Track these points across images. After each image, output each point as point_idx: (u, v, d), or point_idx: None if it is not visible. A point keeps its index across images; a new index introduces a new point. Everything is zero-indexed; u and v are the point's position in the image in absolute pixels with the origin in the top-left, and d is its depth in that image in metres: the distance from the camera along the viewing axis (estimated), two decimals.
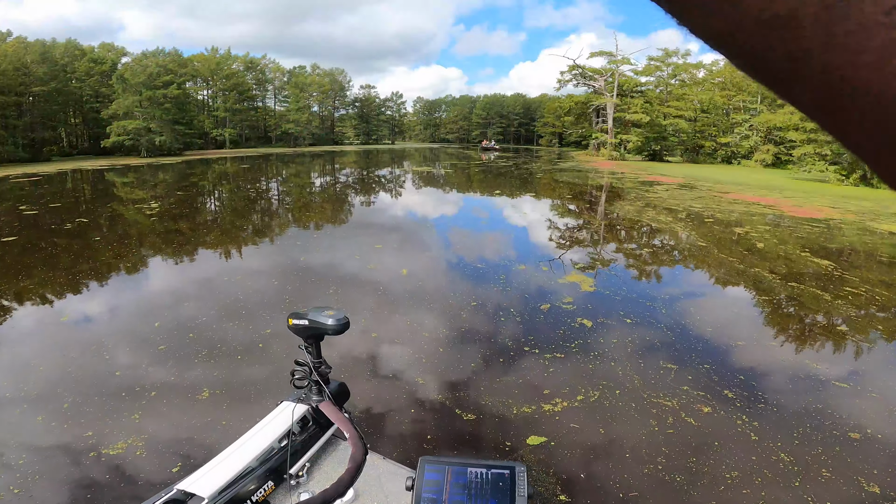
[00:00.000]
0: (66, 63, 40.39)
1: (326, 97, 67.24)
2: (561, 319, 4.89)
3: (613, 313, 5.13)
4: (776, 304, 5.81)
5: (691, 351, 4.36)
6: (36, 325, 4.82)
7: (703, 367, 4.06)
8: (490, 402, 3.43)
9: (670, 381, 3.81)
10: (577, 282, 6.18)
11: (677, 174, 28.81)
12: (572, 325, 4.76)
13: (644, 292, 5.99)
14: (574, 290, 5.84)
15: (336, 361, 3.49)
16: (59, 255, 7.63)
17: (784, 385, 3.88)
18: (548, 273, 6.57)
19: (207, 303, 5.35)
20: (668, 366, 4.05)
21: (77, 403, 3.36)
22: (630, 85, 48.82)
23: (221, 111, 52.92)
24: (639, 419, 3.33)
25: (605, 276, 6.57)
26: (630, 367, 3.99)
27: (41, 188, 18.22)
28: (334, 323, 1.66)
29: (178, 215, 12.06)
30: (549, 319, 4.90)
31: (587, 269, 6.83)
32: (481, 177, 25.55)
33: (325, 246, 8.27)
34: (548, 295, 5.64)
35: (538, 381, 3.73)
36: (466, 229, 10.64)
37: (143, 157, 37.78)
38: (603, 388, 3.65)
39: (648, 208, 13.61)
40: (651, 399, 3.56)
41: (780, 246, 9.28)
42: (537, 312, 5.03)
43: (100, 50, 44.86)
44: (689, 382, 3.82)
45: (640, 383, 3.76)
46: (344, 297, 5.48)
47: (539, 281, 6.22)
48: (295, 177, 26.13)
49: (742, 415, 3.45)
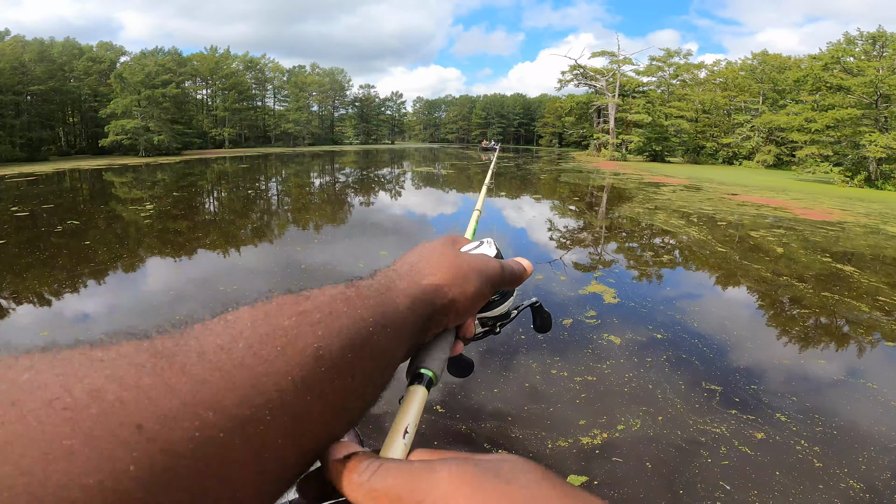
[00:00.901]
0: (64, 62, 40.00)
1: (326, 97, 66.92)
2: (587, 336, 4.54)
3: (642, 328, 4.80)
4: (815, 317, 5.49)
5: (734, 370, 4.04)
6: (10, 341, 4.49)
7: (750, 388, 3.74)
8: (520, 435, 3.11)
9: (716, 405, 3.50)
10: (598, 293, 5.83)
11: (681, 175, 28.52)
12: (600, 342, 4.42)
13: (671, 304, 5.66)
14: (596, 303, 5.49)
15: None
16: (45, 260, 7.28)
17: (839, 405, 3.57)
18: (566, 283, 6.20)
19: (200, 313, 5.02)
20: (710, 387, 3.73)
21: None
22: (632, 85, 48.57)
23: (220, 111, 52.56)
24: (688, 450, 3.01)
25: (628, 286, 6.21)
26: (669, 389, 3.67)
27: (36, 188, 17.85)
28: None
29: (175, 217, 11.71)
30: (574, 337, 4.55)
31: (607, 279, 6.47)
32: (483, 178, 25.25)
33: (328, 250, 7.90)
34: (569, 308, 5.29)
35: (571, 409, 3.40)
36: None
37: (141, 156, 37.39)
38: (644, 415, 3.33)
39: (659, 211, 13.30)
40: (698, 426, 3.25)
41: (799, 251, 8.98)
42: (560, 329, 4.68)
43: (98, 49, 44.49)
44: (737, 406, 3.50)
45: (683, 408, 3.45)
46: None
47: (557, 292, 5.85)
48: (294, 177, 25.78)
49: (800, 439, 3.15)
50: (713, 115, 47.72)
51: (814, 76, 29.37)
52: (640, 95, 48.25)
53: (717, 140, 46.92)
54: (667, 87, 49.67)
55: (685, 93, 47.77)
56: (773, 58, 45.38)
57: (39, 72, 36.60)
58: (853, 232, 11.41)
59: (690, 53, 56.55)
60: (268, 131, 61.20)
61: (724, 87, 47.46)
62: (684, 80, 49.98)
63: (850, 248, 9.49)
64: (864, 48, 28.46)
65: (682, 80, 49.97)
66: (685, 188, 20.51)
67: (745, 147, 44.93)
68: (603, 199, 17.03)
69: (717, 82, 48.30)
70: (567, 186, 21.66)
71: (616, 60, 48.99)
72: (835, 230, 11.50)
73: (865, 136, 25.48)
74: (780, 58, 45.13)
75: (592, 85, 50.95)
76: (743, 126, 45.00)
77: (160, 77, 39.62)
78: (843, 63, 28.24)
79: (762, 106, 44.57)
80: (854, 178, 26.45)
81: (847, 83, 26.99)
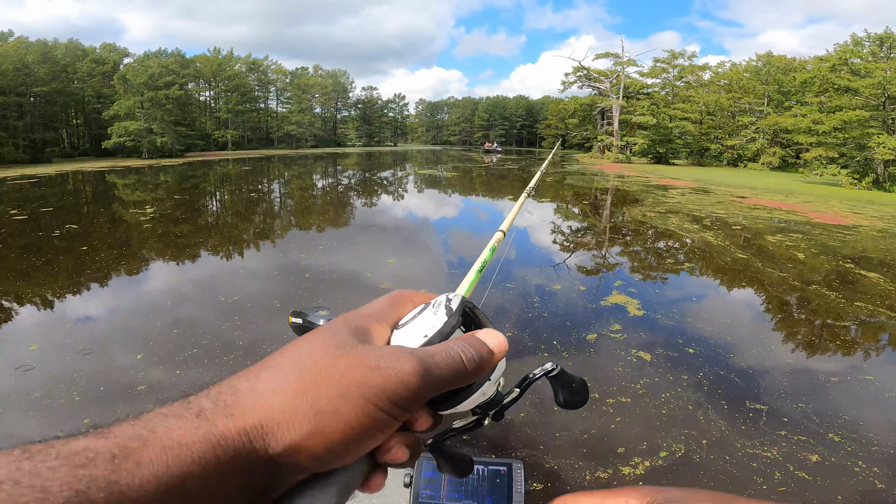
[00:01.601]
0: (67, 63, 39.93)
1: (329, 99, 66.83)
2: (614, 353, 4.30)
3: (672, 342, 4.56)
4: (853, 328, 5.25)
5: (777, 387, 3.81)
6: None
7: (797, 407, 3.51)
8: (555, 465, 2.88)
9: (763, 426, 3.27)
10: (621, 304, 5.59)
11: (687, 178, 28.28)
12: (629, 359, 4.18)
13: (699, 315, 5.42)
14: (621, 315, 5.24)
15: None
16: (40, 267, 7.05)
17: (893, 422, 3.35)
18: (586, 294, 5.96)
19: (192, 327, 4.80)
20: (755, 406, 3.50)
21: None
22: (636, 87, 48.32)
23: (223, 112, 52.48)
24: (740, 476, 2.79)
25: (651, 297, 5.97)
26: (711, 409, 3.45)
27: (37, 191, 17.68)
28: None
29: (176, 222, 11.49)
30: (601, 354, 4.31)
31: (628, 288, 6.22)
32: (488, 180, 25.03)
33: (333, 259, 7.57)
34: (592, 322, 5.04)
35: (608, 434, 3.17)
36: (483, 240, 10.04)
37: (144, 158, 37.27)
38: (687, 439, 3.11)
39: (671, 214, 13.07)
40: (747, 450, 3.02)
41: (820, 257, 8.75)
42: (585, 345, 4.45)
43: (101, 50, 44.42)
44: (786, 426, 3.27)
45: (728, 430, 3.22)
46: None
47: (578, 304, 5.61)
48: (297, 178, 25.61)
49: (857, 460, 2.93)
50: (717, 116, 47.45)
51: (821, 77, 29.12)
52: (644, 97, 47.97)
53: (721, 142, 46.65)
54: (671, 89, 49.40)
55: (690, 94, 47.49)
56: (778, 59, 45.10)
57: (43, 73, 36.51)
58: (869, 236, 11.17)
59: (695, 55, 56.39)
60: (271, 133, 61.11)
61: (728, 88, 47.18)
62: (689, 82, 49.70)
63: (871, 253, 9.25)
64: (872, 49, 28.21)
65: (687, 82, 49.70)
66: (693, 191, 20.27)
67: (750, 149, 44.64)
68: (612, 203, 16.79)
69: (722, 84, 48.02)
70: (574, 189, 21.43)
71: (620, 62, 48.75)
72: (851, 234, 11.27)
73: (873, 139, 25.25)
74: (785, 59, 44.86)
75: (596, 87, 50.71)
76: (748, 128, 44.72)
77: (163, 79, 39.53)
78: (851, 65, 27.98)
79: (767, 108, 44.28)
80: (862, 181, 26.20)
81: (855, 85, 26.76)
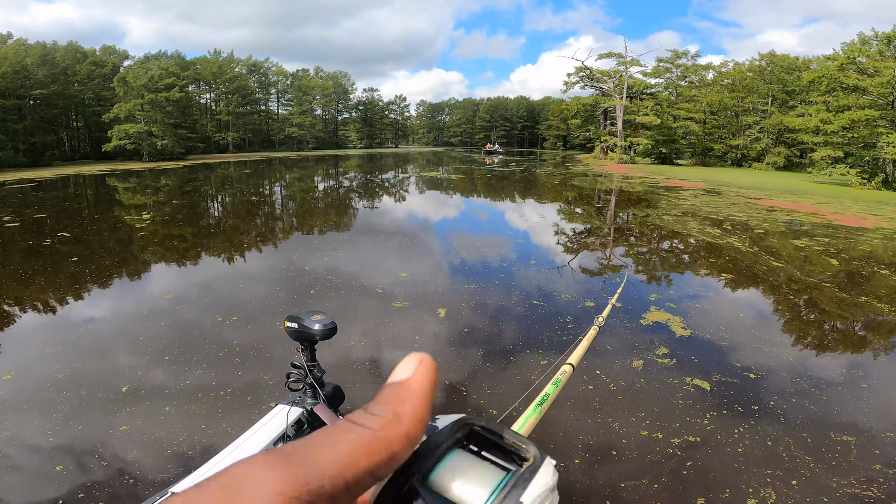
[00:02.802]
0: (67, 66, 39.57)
1: (330, 100, 66.47)
2: (667, 382, 3.88)
3: (729, 367, 4.15)
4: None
5: (860, 415, 3.44)
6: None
7: (887, 437, 3.15)
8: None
9: (855, 460, 2.91)
10: (662, 322, 5.16)
11: (695, 178, 27.94)
12: (686, 389, 3.75)
13: (752, 333, 5.00)
14: (666, 336, 4.79)
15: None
16: (25, 280, 6.66)
17: None
18: (623, 312, 5.43)
19: (185, 354, 4.41)
20: (841, 438, 3.14)
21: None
22: (640, 87, 47.98)
23: (224, 115, 52.14)
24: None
25: (693, 312, 5.53)
26: (792, 443, 3.08)
27: (33, 196, 17.29)
28: (321, 328, 1.73)
29: (173, 229, 11.10)
30: (652, 383, 3.88)
31: (666, 303, 5.79)
32: (494, 183, 24.64)
33: (340, 276, 6.92)
34: (635, 345, 4.57)
35: (681, 482, 2.80)
36: (498, 247, 9.67)
37: (144, 161, 36.91)
38: (774, 482, 2.74)
39: (688, 218, 12.71)
40: (843, 489, 2.66)
41: (854, 262, 8.40)
42: (632, 374, 4.01)
43: (101, 53, 44.07)
44: (879, 459, 2.91)
45: (817, 467, 2.86)
46: (375, 353, 4.51)
47: (615, 323, 5.14)
48: (299, 181, 25.24)
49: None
50: (721, 116, 47.14)
51: (829, 77, 28.83)
52: (648, 97, 47.64)
53: (725, 142, 46.33)
54: (674, 89, 49.08)
55: (693, 94, 47.18)
56: (782, 59, 44.79)
57: (42, 76, 36.16)
58: (893, 240, 10.83)
59: (698, 54, 56.12)
60: (272, 135, 60.75)
61: (731, 88, 46.87)
62: (692, 82, 49.39)
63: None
64: (879, 48, 27.92)
65: (690, 82, 49.38)
66: (705, 192, 19.92)
67: (755, 149, 44.34)
68: (625, 206, 16.42)
69: (725, 83, 47.70)
70: (583, 192, 21.07)
71: (623, 62, 48.42)
72: (877, 238, 10.93)
73: (883, 138, 24.97)
74: (788, 58, 44.56)
75: (599, 87, 50.37)
76: (752, 127, 44.40)
77: (163, 81, 39.15)
78: (859, 63, 27.69)
79: (771, 107, 43.98)
80: (871, 181, 25.91)
81: (863, 84, 26.48)
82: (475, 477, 0.27)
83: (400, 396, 0.25)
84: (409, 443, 0.24)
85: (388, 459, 0.23)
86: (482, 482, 0.26)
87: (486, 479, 0.27)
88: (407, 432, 0.24)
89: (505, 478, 0.27)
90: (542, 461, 0.27)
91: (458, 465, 0.27)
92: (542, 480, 0.26)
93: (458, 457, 0.28)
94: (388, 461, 0.23)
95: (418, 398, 0.25)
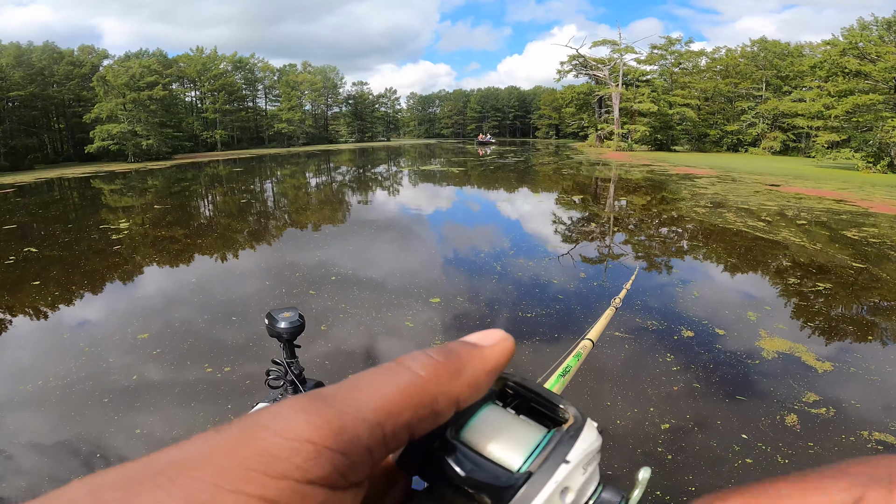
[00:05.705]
0: (44, 66, 37.95)
1: (319, 95, 65.09)
2: (837, 442, 3.00)
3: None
4: None
5: None
6: None
7: None
8: None
9: None
10: (787, 353, 4.20)
11: (701, 165, 27.47)
12: (868, 452, 2.94)
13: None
14: (802, 374, 3.84)
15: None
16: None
17: None
18: (728, 339, 4.42)
19: (158, 396, 3.63)
20: None
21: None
22: (635, 74, 47.41)
23: (211, 112, 50.68)
24: None
25: (820, 339, 4.55)
26: None
27: (7, 203, 16.15)
28: (287, 325, 1.73)
29: (156, 237, 10.08)
30: (818, 446, 3.00)
31: (775, 324, 4.77)
32: (493, 176, 23.81)
33: (347, 300, 5.61)
34: (769, 389, 3.63)
35: None
36: (528, 251, 8.79)
37: (130, 162, 35.60)
38: None
39: (722, 209, 12.06)
40: None
41: None
42: (792, 437, 3.08)
43: (79, 53, 42.36)
44: None
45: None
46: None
47: (730, 359, 4.12)
48: (290, 178, 24.30)
49: None
50: (715, 102, 46.84)
51: (831, 62, 28.56)
52: (643, 84, 47.13)
53: (720, 127, 46.07)
54: (669, 76, 48.61)
55: (687, 80, 46.80)
56: (774, 44, 44.54)
57: (18, 77, 34.62)
58: None
59: (691, 41, 55.61)
60: (261, 132, 59.35)
61: (724, 74, 46.54)
62: (685, 69, 48.99)
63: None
64: (880, 33, 27.64)
65: (684, 69, 48.97)
66: (720, 180, 19.40)
67: (751, 134, 44.14)
68: (647, 197, 15.73)
69: (718, 70, 47.35)
70: (590, 181, 20.42)
71: (618, 49, 47.77)
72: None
73: (888, 122, 24.74)
74: (780, 44, 44.34)
75: (594, 75, 49.72)
76: (747, 113, 44.16)
77: (145, 79, 37.72)
78: (861, 49, 27.39)
79: (765, 92, 43.73)
80: (877, 164, 25.69)
81: (866, 69, 26.23)
82: (514, 434, 0.25)
83: (469, 354, 0.23)
84: (454, 404, 0.22)
85: (431, 416, 0.21)
86: (520, 439, 0.24)
87: (525, 436, 0.25)
88: (459, 394, 0.22)
89: (545, 436, 0.25)
90: (583, 422, 0.25)
91: (493, 420, 0.25)
92: (587, 440, 0.24)
93: (493, 412, 0.26)
94: (430, 417, 0.21)
95: (487, 365, 0.23)
